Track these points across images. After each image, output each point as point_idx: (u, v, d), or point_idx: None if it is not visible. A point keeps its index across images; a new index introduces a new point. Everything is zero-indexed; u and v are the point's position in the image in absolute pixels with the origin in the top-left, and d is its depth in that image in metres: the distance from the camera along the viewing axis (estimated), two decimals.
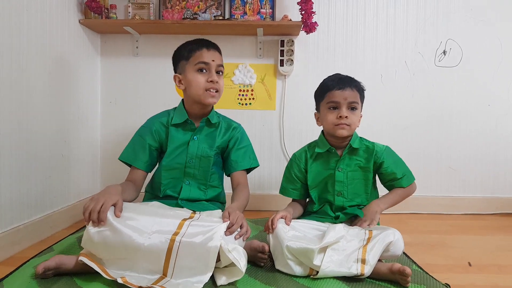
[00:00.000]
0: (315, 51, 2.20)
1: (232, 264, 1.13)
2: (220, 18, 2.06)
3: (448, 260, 1.45)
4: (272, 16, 2.13)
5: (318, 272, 1.16)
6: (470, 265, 1.39)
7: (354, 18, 2.19)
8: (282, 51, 2.15)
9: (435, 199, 2.22)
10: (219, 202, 1.58)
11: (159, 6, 2.14)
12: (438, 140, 2.22)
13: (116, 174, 2.08)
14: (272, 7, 2.13)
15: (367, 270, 1.13)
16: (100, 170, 2.21)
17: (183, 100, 1.56)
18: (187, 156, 1.50)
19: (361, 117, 1.48)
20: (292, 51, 2.14)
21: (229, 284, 1.13)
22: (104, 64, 2.19)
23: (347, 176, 1.46)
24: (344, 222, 1.42)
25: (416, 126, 2.22)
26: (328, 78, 1.49)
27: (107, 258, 1.14)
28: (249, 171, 1.61)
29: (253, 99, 2.22)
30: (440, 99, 2.20)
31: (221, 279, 1.13)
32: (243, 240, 1.23)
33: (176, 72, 1.53)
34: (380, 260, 1.20)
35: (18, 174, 1.47)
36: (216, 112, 1.59)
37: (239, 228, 1.23)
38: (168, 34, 2.17)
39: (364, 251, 1.15)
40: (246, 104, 2.22)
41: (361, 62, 2.19)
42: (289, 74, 2.18)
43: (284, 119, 2.21)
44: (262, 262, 1.28)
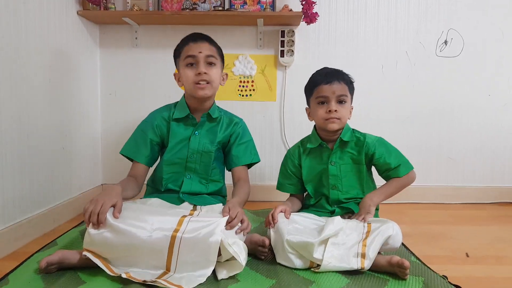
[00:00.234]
0: (316, 42, 2.18)
1: (232, 258, 1.15)
2: (220, 8, 2.04)
3: (447, 251, 1.47)
4: (273, 5, 2.10)
5: (318, 265, 1.18)
6: (467, 256, 1.41)
7: (355, 8, 2.16)
8: (282, 42, 2.13)
9: (435, 189, 2.23)
10: (221, 195, 1.59)
11: None
12: (439, 131, 2.22)
13: (117, 165, 2.10)
14: None
15: (366, 264, 1.15)
16: (101, 162, 2.22)
17: (184, 94, 1.56)
18: (188, 151, 1.51)
19: (352, 109, 1.49)
20: (292, 41, 2.13)
21: (230, 277, 1.15)
22: (104, 56, 2.18)
23: (340, 170, 1.47)
24: (340, 216, 1.43)
25: (417, 116, 2.22)
26: (316, 72, 1.49)
27: (110, 257, 1.16)
28: (250, 166, 1.62)
29: (253, 90, 2.21)
30: (441, 89, 2.20)
31: (222, 273, 1.14)
32: (244, 235, 1.25)
33: (176, 70, 1.55)
34: (379, 252, 1.21)
35: (20, 170, 1.48)
36: (218, 106, 1.59)
37: (239, 223, 1.24)
38: (168, 25, 2.16)
39: (364, 246, 1.17)
40: (247, 95, 2.22)
41: (362, 52, 2.18)
42: (289, 65, 2.17)
43: (285, 110, 2.21)
44: (262, 255, 1.29)
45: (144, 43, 2.18)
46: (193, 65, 1.45)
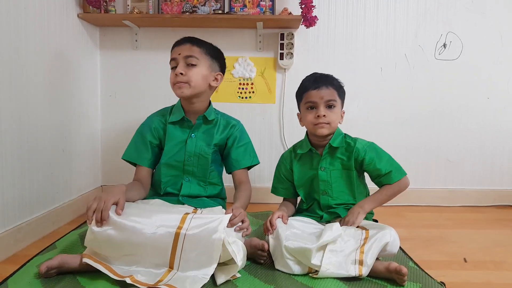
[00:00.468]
0: (315, 44, 2.18)
1: (230, 261, 1.16)
2: (220, 11, 2.04)
3: (444, 256, 1.47)
4: (272, 8, 2.11)
5: (317, 271, 1.19)
6: (465, 261, 1.42)
7: (354, 12, 2.17)
8: (282, 45, 2.14)
9: (433, 191, 2.24)
10: (220, 198, 1.60)
11: None
12: (438, 133, 2.23)
13: (116, 167, 2.11)
14: None
15: (364, 271, 1.15)
16: (101, 164, 2.22)
17: None
18: (185, 154, 1.51)
19: (343, 113, 1.49)
20: (292, 44, 2.13)
21: (228, 283, 1.15)
22: (104, 58, 2.18)
23: (330, 175, 1.47)
24: (329, 221, 1.43)
25: (416, 118, 2.22)
26: (306, 78, 1.49)
27: (112, 255, 1.16)
28: (249, 168, 1.63)
29: (253, 92, 2.22)
30: (440, 92, 2.20)
31: (220, 278, 1.15)
32: (243, 236, 1.26)
33: None
34: (377, 258, 1.22)
35: (20, 172, 1.48)
36: (214, 109, 1.59)
37: (240, 222, 1.26)
38: (168, 27, 2.16)
39: (362, 252, 1.17)
40: (246, 97, 2.22)
41: (361, 55, 2.18)
42: (289, 68, 2.18)
43: (284, 112, 2.21)
44: (261, 259, 1.30)
45: (144, 46, 2.19)
46: (176, 68, 1.46)
